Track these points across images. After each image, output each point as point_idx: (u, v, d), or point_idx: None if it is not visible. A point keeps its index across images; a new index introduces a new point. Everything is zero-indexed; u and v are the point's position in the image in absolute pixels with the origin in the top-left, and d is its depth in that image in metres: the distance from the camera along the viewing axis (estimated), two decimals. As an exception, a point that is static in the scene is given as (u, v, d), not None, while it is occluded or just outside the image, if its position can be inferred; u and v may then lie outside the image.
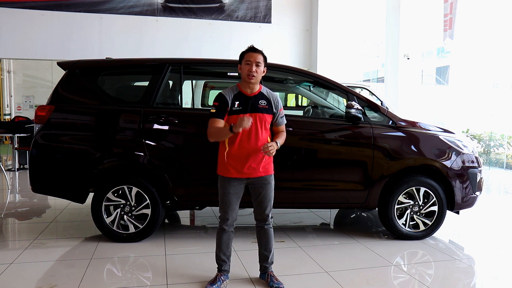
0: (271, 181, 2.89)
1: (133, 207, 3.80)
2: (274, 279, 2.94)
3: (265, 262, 2.99)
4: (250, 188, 2.90)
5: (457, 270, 3.40)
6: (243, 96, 2.79)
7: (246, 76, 2.75)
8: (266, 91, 2.89)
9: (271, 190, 2.89)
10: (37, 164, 3.81)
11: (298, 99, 8.54)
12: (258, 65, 2.74)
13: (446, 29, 8.58)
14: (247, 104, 2.77)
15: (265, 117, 2.81)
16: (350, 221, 5.02)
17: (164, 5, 10.61)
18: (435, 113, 15.17)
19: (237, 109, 2.76)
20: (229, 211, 2.86)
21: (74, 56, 9.12)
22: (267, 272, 2.99)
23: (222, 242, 2.93)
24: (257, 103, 2.79)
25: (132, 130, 3.77)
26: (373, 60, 21.58)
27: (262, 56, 2.79)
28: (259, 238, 2.98)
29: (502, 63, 17.27)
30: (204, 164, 3.79)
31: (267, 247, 2.97)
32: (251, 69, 2.72)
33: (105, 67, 4.10)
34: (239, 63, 2.83)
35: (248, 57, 2.75)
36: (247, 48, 2.82)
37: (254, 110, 2.77)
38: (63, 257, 3.54)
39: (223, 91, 2.82)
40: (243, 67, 2.77)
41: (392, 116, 3.99)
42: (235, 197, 2.84)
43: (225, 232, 2.91)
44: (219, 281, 2.91)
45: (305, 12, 11.59)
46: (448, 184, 3.98)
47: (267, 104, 2.83)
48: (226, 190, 2.83)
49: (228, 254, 2.97)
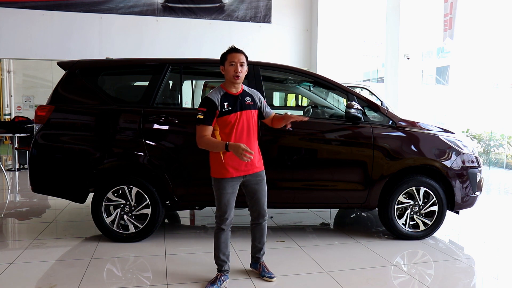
0: (264, 177, 2.98)
1: (133, 207, 3.80)
2: (266, 269, 3.07)
3: (258, 253, 3.12)
4: (244, 188, 2.94)
5: (457, 270, 3.40)
6: (230, 96, 2.84)
7: (232, 77, 2.80)
8: (247, 88, 2.97)
9: (265, 185, 2.98)
10: (37, 164, 3.81)
11: (298, 99, 8.54)
12: (242, 65, 2.81)
13: (446, 29, 8.58)
14: (236, 103, 2.82)
15: (253, 113, 2.90)
16: (350, 221, 5.01)
17: (164, 5, 10.61)
18: (435, 113, 15.18)
19: (227, 110, 2.79)
20: (229, 210, 2.88)
21: (74, 56, 9.12)
22: (259, 262, 3.12)
23: (221, 243, 2.93)
24: (244, 100, 2.87)
25: (132, 130, 3.77)
26: (373, 60, 21.60)
27: (244, 56, 2.85)
28: (254, 233, 3.08)
29: (502, 63, 17.27)
30: (204, 164, 3.76)
31: (261, 240, 3.08)
32: (237, 70, 2.78)
33: (105, 67, 4.09)
34: (221, 64, 2.86)
35: (231, 58, 2.80)
36: (228, 49, 2.85)
37: (243, 108, 2.84)
38: (63, 257, 3.54)
39: (208, 95, 2.82)
40: (227, 68, 2.81)
41: (392, 116, 3.99)
42: (233, 196, 2.88)
43: (224, 232, 2.92)
44: (219, 281, 2.92)
45: (305, 12, 11.59)
46: (448, 184, 3.98)
47: (252, 100, 2.92)
48: (226, 191, 2.84)
49: (227, 254, 2.98)
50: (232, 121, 2.79)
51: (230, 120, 2.79)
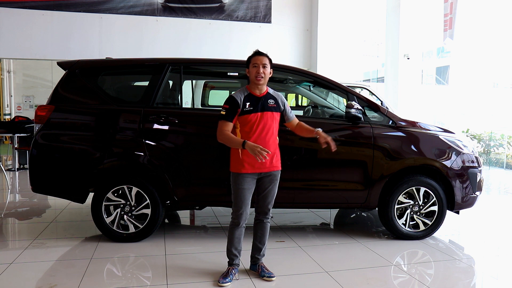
0: (278, 177, 3.05)
1: (133, 207, 3.79)
2: (265, 269, 3.08)
3: (257, 254, 3.13)
4: (259, 183, 3.02)
5: (457, 270, 3.40)
6: (253, 97, 2.97)
7: (255, 78, 2.93)
8: (272, 91, 3.08)
9: (276, 186, 3.05)
10: (37, 164, 3.81)
11: (298, 99, 8.53)
12: (264, 66, 2.93)
13: (446, 29, 8.58)
14: (258, 104, 2.95)
15: (275, 115, 3.01)
16: (350, 221, 5.01)
17: (164, 5, 10.61)
18: (435, 113, 15.17)
19: (249, 109, 2.92)
20: (244, 206, 2.96)
21: (74, 56, 9.12)
22: (258, 263, 3.12)
23: (234, 238, 3.02)
24: (267, 102, 2.98)
25: (132, 130, 3.77)
26: (373, 60, 21.58)
27: (268, 58, 2.98)
28: (256, 230, 3.12)
29: (502, 63, 17.27)
30: (204, 164, 3.80)
31: (261, 240, 3.11)
32: (259, 71, 2.91)
33: (105, 67, 4.09)
34: (246, 67, 3.01)
35: (254, 60, 2.94)
36: (253, 53, 3.00)
37: (265, 109, 2.96)
38: (63, 257, 3.54)
39: (233, 94, 2.98)
40: (251, 70, 2.95)
41: (392, 116, 3.99)
42: (248, 192, 2.97)
43: (238, 227, 3.01)
44: (231, 274, 3.01)
45: (305, 12, 11.59)
46: (448, 184, 3.98)
47: (275, 103, 3.02)
48: (241, 186, 2.93)
49: (239, 249, 3.07)
50: (252, 121, 2.92)
51: (250, 119, 2.92)
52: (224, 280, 2.95)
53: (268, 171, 2.98)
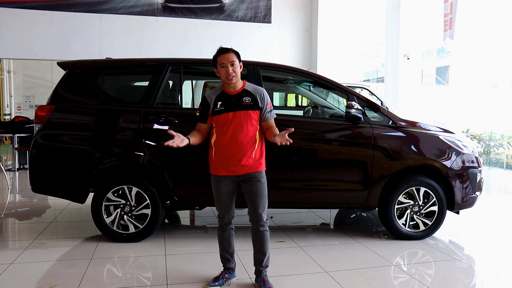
0: (260, 178, 2.82)
1: (133, 207, 3.79)
2: (266, 284, 2.85)
3: (259, 265, 2.91)
4: (242, 187, 2.87)
5: (457, 270, 3.40)
6: (225, 95, 2.82)
7: (226, 79, 2.76)
8: (250, 87, 2.87)
9: (262, 188, 2.82)
10: (37, 164, 3.81)
11: (298, 99, 8.54)
12: (233, 64, 2.74)
13: (446, 29, 8.58)
14: (230, 103, 2.79)
15: (250, 114, 2.79)
16: (350, 221, 5.01)
17: (164, 5, 10.62)
18: (435, 113, 15.16)
19: (220, 109, 2.79)
20: (223, 209, 2.88)
21: (74, 56, 9.11)
22: (261, 276, 2.90)
23: (223, 240, 2.96)
24: (241, 100, 2.79)
25: (132, 130, 3.78)
26: (373, 60, 21.56)
27: (234, 53, 2.78)
28: (253, 241, 2.91)
29: (502, 63, 17.27)
30: (204, 164, 3.77)
31: (261, 250, 2.89)
32: (228, 71, 2.73)
33: (105, 67, 4.09)
34: (214, 67, 2.84)
35: (221, 60, 2.76)
36: (217, 51, 2.81)
37: (237, 108, 2.77)
38: (63, 257, 3.54)
39: (206, 94, 2.90)
40: (220, 71, 2.78)
41: (392, 116, 3.99)
42: (227, 195, 2.86)
43: (224, 230, 2.94)
44: (222, 278, 2.94)
45: (305, 12, 11.59)
46: (448, 184, 3.98)
47: (252, 100, 2.81)
48: (218, 189, 2.87)
49: (230, 252, 2.98)
50: (224, 121, 2.78)
51: (221, 119, 2.79)
52: (212, 283, 2.89)
53: (244, 173, 2.78)
